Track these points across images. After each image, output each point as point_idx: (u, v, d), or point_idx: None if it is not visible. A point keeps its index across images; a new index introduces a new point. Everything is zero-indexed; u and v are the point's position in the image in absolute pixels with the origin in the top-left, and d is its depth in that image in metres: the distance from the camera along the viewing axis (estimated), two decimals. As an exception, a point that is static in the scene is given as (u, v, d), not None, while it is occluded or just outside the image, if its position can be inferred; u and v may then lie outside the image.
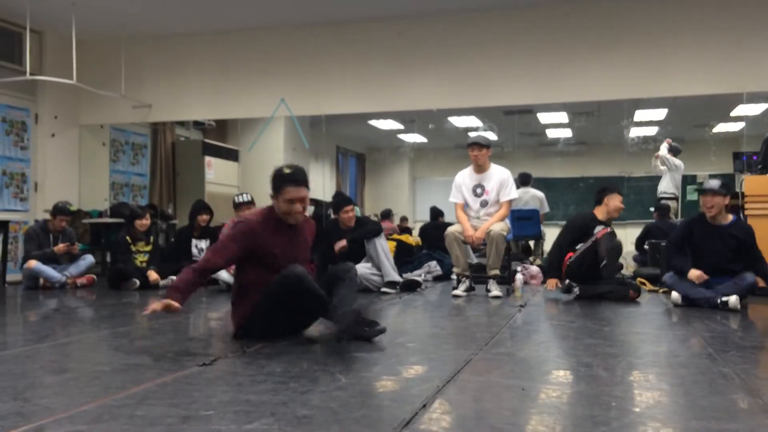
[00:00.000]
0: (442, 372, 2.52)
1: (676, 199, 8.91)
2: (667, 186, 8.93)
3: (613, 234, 5.15)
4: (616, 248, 5.14)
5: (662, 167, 8.97)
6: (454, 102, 7.49)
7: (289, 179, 3.19)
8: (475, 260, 6.62)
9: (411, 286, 5.85)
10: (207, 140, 10.17)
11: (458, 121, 11.98)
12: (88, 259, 6.57)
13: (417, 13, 7.24)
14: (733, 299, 4.45)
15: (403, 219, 13.19)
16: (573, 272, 5.18)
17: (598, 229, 5.16)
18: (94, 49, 8.05)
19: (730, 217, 4.77)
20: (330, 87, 7.61)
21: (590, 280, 5.13)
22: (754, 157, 6.61)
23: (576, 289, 5.16)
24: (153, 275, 6.23)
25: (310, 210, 12.24)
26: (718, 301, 4.50)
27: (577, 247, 5.22)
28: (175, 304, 2.96)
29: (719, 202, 4.66)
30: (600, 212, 5.35)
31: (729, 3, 6.55)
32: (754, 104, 9.92)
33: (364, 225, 5.97)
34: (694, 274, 4.63)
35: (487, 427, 1.89)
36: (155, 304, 2.97)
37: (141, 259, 6.41)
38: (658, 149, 9.11)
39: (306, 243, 3.41)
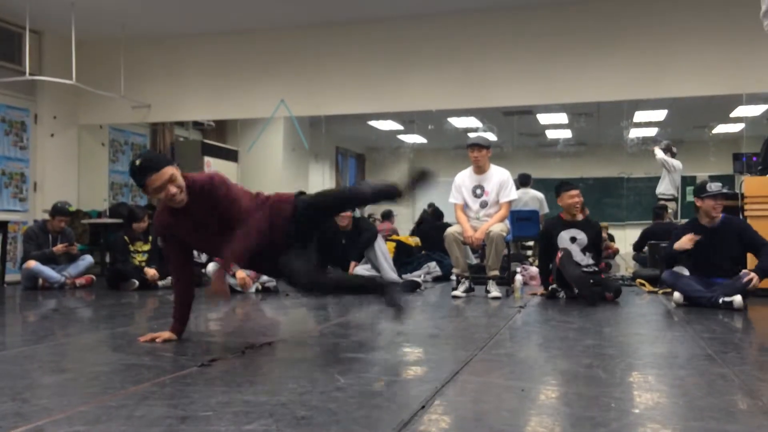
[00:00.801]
0: (442, 373, 2.52)
1: (675, 200, 8.92)
2: (666, 188, 8.93)
3: (566, 256, 5.07)
4: (571, 273, 5.00)
5: (661, 164, 8.97)
6: (453, 102, 7.50)
7: (144, 170, 2.86)
8: (474, 261, 6.61)
9: (410, 287, 5.84)
10: (206, 141, 10.16)
11: (458, 122, 11.99)
12: (87, 259, 6.57)
13: (416, 14, 7.24)
14: (737, 299, 4.45)
15: (431, 206, 13.15)
16: (558, 282, 5.24)
17: (561, 243, 5.22)
18: (93, 50, 8.06)
19: (720, 217, 4.80)
20: (330, 87, 7.61)
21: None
22: (754, 158, 6.60)
23: (561, 294, 5.20)
24: (150, 272, 6.21)
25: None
26: (720, 301, 4.50)
27: (551, 266, 5.27)
28: (174, 336, 3.18)
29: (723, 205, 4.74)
30: (564, 213, 5.40)
31: (729, 4, 6.55)
32: (754, 105, 9.91)
33: (361, 232, 5.93)
34: (683, 240, 4.69)
35: (486, 428, 1.88)
36: (153, 335, 3.17)
37: (140, 258, 6.40)
38: (653, 152, 9.09)
39: (209, 213, 2.98)
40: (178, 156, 9.83)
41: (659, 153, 8.85)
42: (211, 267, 5.97)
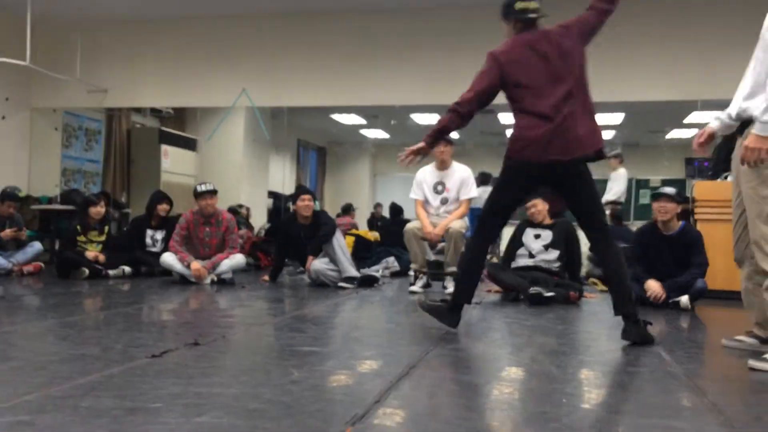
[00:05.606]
0: (397, 367, 2.52)
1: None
2: (617, 194, 9.09)
3: (491, 268, 5.31)
4: (506, 280, 5.20)
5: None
6: (417, 98, 7.50)
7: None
8: (432, 257, 6.64)
9: (368, 282, 5.84)
10: (164, 128, 9.96)
11: (420, 118, 12.00)
12: (36, 246, 6.38)
13: (383, 7, 7.23)
14: (684, 299, 4.61)
15: (378, 206, 13.24)
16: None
17: (525, 239, 5.40)
18: (49, 31, 7.81)
19: (679, 224, 4.88)
20: (293, 78, 7.54)
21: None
22: (706, 164, 6.79)
23: (521, 295, 5.23)
24: (92, 253, 6.05)
25: (268, 202, 12.05)
26: (670, 300, 4.64)
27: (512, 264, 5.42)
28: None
29: (672, 209, 4.78)
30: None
31: (688, 11, 6.69)
32: (708, 111, 10.16)
33: (320, 226, 5.85)
34: (653, 285, 4.70)
35: (440, 422, 1.89)
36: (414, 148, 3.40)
37: (92, 249, 6.22)
38: (618, 159, 9.19)
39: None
40: (134, 143, 9.64)
41: (620, 166, 9.01)
42: (167, 257, 5.84)
